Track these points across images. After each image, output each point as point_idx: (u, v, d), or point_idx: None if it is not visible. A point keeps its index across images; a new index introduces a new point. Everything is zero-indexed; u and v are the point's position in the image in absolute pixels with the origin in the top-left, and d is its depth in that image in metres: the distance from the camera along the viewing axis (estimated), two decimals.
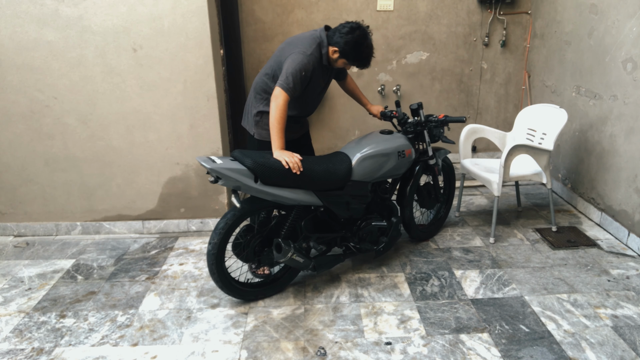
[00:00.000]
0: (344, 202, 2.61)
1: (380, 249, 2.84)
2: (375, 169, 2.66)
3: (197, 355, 2.26)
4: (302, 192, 2.46)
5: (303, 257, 2.51)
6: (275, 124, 2.40)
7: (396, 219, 2.87)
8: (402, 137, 2.81)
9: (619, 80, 3.19)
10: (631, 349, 2.25)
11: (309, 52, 2.48)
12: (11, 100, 3.19)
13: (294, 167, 2.35)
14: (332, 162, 2.53)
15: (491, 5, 4.30)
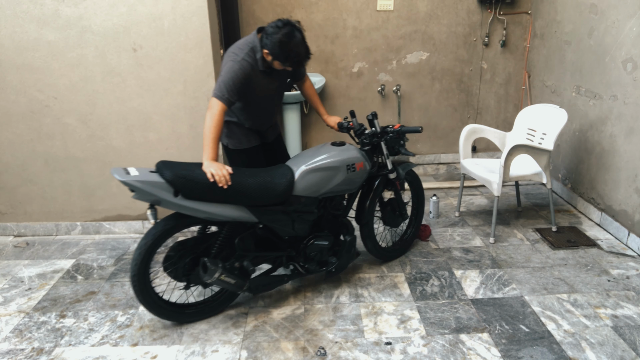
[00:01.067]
0: (285, 219, 2.42)
1: (332, 269, 2.65)
2: (320, 184, 2.45)
3: (197, 355, 2.26)
4: (232, 208, 2.27)
5: (235, 277, 2.35)
6: (207, 134, 2.28)
7: (350, 237, 2.67)
8: (353, 150, 2.58)
9: (619, 80, 3.19)
10: (631, 349, 2.25)
11: (239, 59, 2.37)
12: (11, 100, 3.19)
13: (220, 180, 2.18)
14: (271, 176, 2.35)
15: (491, 5, 4.30)
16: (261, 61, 2.41)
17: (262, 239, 2.50)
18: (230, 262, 2.38)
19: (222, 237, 2.36)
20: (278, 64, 2.38)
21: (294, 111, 4.23)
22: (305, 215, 2.48)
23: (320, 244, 2.58)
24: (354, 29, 4.34)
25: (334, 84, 4.48)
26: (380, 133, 2.70)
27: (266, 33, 2.34)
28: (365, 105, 4.56)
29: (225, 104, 2.33)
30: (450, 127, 4.69)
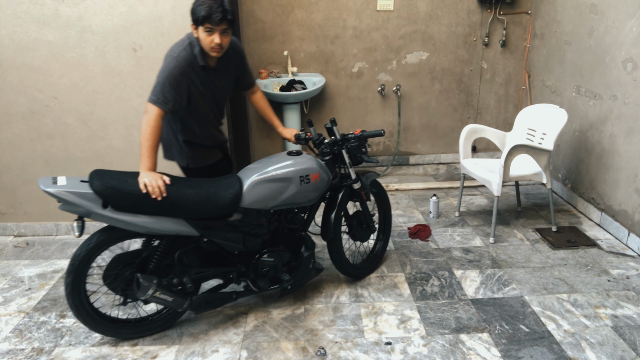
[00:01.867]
0: (231, 233, 2.26)
1: (287, 287, 2.48)
2: (270, 196, 2.28)
3: (197, 355, 2.26)
4: (169, 221, 2.12)
5: (172, 295, 2.20)
6: (143, 142, 2.14)
7: (308, 253, 2.51)
8: (310, 160, 2.39)
9: (619, 80, 3.19)
10: (631, 349, 2.25)
11: (175, 54, 2.19)
12: (11, 100, 3.19)
13: (153, 192, 2.04)
14: (216, 187, 2.19)
15: (491, 5, 4.30)
16: (200, 55, 2.23)
17: (209, 253, 2.34)
18: (169, 279, 2.23)
19: (160, 251, 2.21)
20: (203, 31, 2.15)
21: (294, 111, 4.23)
22: (254, 229, 2.30)
23: (270, 260, 2.41)
24: (354, 29, 4.34)
25: (334, 84, 4.48)
26: (340, 141, 2.52)
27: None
28: (365, 106, 4.56)
29: (161, 108, 2.15)
30: (450, 127, 4.69)
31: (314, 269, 2.57)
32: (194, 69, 2.23)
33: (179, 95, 2.19)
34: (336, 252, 2.65)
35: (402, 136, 4.69)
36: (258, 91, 2.68)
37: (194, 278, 2.29)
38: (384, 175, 4.57)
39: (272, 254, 2.43)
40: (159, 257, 2.21)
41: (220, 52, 2.21)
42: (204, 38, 2.16)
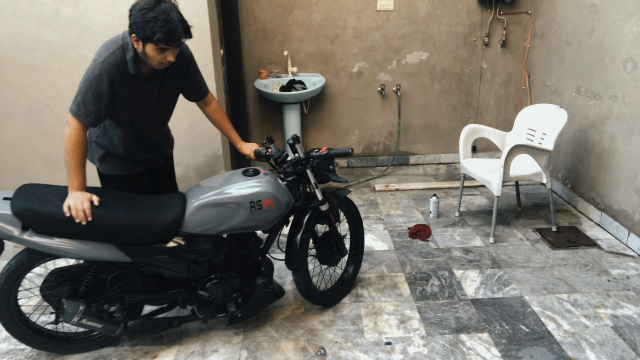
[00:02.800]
0: (170, 260, 2.06)
1: (238, 314, 2.29)
2: (217, 221, 2.07)
3: (197, 355, 2.26)
4: (97, 246, 1.95)
5: (101, 322, 2.06)
6: (68, 160, 1.93)
7: (262, 280, 2.29)
8: (264, 183, 2.14)
9: (619, 80, 3.19)
10: (631, 349, 2.25)
11: (101, 59, 1.91)
12: (11, 100, 3.19)
13: (77, 216, 1.86)
14: (154, 209, 2.00)
15: (491, 5, 4.30)
16: (132, 62, 1.95)
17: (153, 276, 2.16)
18: (99, 304, 2.08)
19: (91, 275, 2.06)
20: (151, 49, 1.88)
21: (294, 111, 4.23)
22: (198, 255, 2.11)
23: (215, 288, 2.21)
24: (354, 29, 4.34)
25: (334, 84, 4.48)
26: (304, 159, 2.28)
27: (129, 12, 1.87)
28: (365, 106, 4.56)
29: (82, 122, 1.93)
30: (450, 127, 4.69)
31: (269, 294, 2.36)
32: (122, 77, 1.96)
33: (101, 106, 1.95)
34: (302, 280, 2.43)
35: (402, 136, 4.69)
36: (213, 102, 2.39)
37: (130, 303, 2.14)
38: (384, 175, 4.57)
39: (219, 280, 2.22)
40: (89, 281, 2.06)
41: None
42: (152, 55, 1.90)
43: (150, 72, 2.04)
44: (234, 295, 2.29)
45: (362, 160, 4.76)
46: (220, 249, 2.20)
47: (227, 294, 2.26)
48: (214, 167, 3.36)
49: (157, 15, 1.82)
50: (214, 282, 2.21)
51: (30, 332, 2.15)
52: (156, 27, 1.82)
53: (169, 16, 1.85)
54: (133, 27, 1.87)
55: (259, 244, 2.34)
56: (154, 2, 1.85)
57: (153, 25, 1.82)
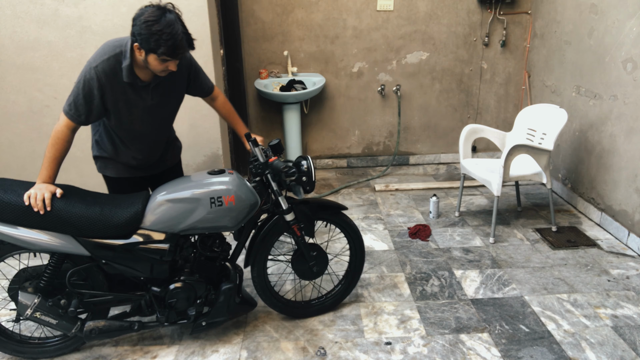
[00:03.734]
0: (128, 257, 2.03)
1: (202, 322, 2.23)
2: (175, 218, 2.04)
3: (197, 355, 2.26)
4: (55, 236, 1.96)
5: (56, 317, 2.04)
6: (46, 152, 1.98)
7: (226, 286, 2.21)
8: (228, 181, 2.10)
9: (619, 80, 3.19)
10: (631, 349, 2.25)
11: (95, 64, 1.91)
12: (11, 100, 3.19)
13: (35, 204, 1.89)
14: (115, 204, 2.01)
15: (491, 5, 4.30)
16: (127, 70, 1.94)
17: (118, 276, 2.15)
18: (55, 299, 2.06)
19: (51, 269, 2.06)
20: (153, 59, 1.88)
21: (294, 111, 4.23)
22: (158, 254, 2.05)
23: (177, 291, 2.15)
24: (354, 29, 4.34)
25: (334, 84, 4.48)
26: (262, 165, 2.19)
27: (133, 21, 1.86)
28: (365, 106, 4.56)
29: (73, 120, 1.97)
30: (450, 127, 4.69)
31: (236, 303, 2.28)
32: (114, 84, 1.95)
33: (92, 109, 1.97)
34: (256, 279, 2.37)
35: (402, 136, 4.69)
36: (219, 96, 2.37)
37: (90, 302, 2.11)
38: (384, 175, 4.57)
39: (182, 284, 2.16)
40: (49, 274, 2.06)
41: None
42: (154, 65, 1.90)
43: (150, 78, 2.02)
44: (198, 302, 2.22)
45: (362, 160, 4.76)
46: (183, 250, 2.16)
47: (190, 299, 2.19)
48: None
49: (162, 29, 1.81)
50: (177, 286, 2.15)
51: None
52: (161, 40, 1.82)
53: (174, 30, 1.84)
54: (137, 37, 1.85)
55: (227, 249, 2.28)
56: (159, 13, 1.83)
57: (158, 38, 1.82)
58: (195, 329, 2.25)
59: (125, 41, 1.96)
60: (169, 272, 2.13)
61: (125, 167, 2.26)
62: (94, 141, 2.26)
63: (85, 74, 1.93)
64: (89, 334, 2.12)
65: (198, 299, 2.22)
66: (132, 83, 1.98)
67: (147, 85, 2.03)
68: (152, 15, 1.82)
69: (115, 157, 2.22)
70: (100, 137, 2.21)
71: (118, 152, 2.20)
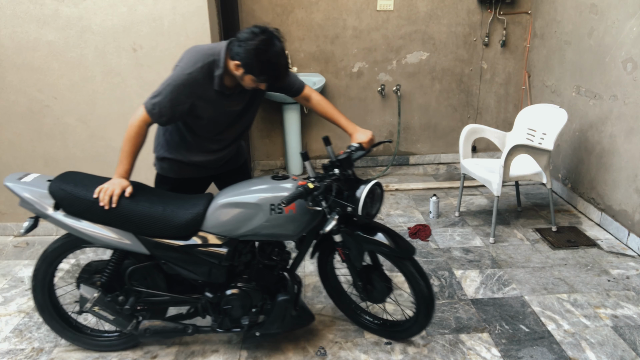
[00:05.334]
0: (185, 258, 2.01)
1: (255, 333, 2.16)
2: (234, 223, 1.99)
3: (197, 355, 2.26)
4: (117, 233, 1.98)
5: (114, 313, 2.07)
6: (123, 145, 1.97)
7: (282, 297, 2.11)
8: (290, 187, 2.00)
9: (619, 80, 3.19)
10: (631, 349, 2.25)
11: (188, 71, 1.90)
12: (11, 100, 3.19)
13: (102, 199, 1.91)
14: (178, 205, 1.99)
15: (491, 5, 4.30)
16: (219, 80, 1.93)
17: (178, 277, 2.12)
18: (114, 295, 2.09)
19: (112, 264, 2.09)
20: (250, 79, 1.89)
21: (294, 111, 4.23)
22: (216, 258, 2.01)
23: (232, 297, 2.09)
24: (354, 29, 4.34)
25: (334, 84, 4.48)
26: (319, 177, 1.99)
27: (238, 40, 1.86)
28: (365, 106, 4.56)
29: (153, 119, 1.95)
30: (450, 127, 4.70)
31: (292, 316, 2.17)
32: (205, 92, 1.96)
33: (175, 113, 1.96)
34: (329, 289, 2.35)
35: (402, 136, 4.69)
36: (312, 96, 2.25)
37: (146, 301, 2.12)
38: (384, 175, 4.57)
39: (238, 290, 2.10)
40: (110, 270, 2.09)
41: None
42: (247, 82, 1.92)
43: (234, 85, 2.01)
44: (253, 311, 2.15)
45: (362, 160, 4.75)
46: (241, 256, 2.09)
47: (246, 307, 2.13)
48: None
49: (269, 59, 1.84)
50: (233, 292, 2.10)
51: (60, 319, 2.22)
52: (265, 70, 1.85)
53: (280, 62, 1.87)
54: (241, 59, 1.85)
55: (287, 258, 2.19)
56: (268, 41, 1.84)
57: (263, 68, 1.85)
58: (247, 338, 2.19)
59: (217, 50, 1.94)
60: (225, 277, 2.07)
61: (192, 167, 2.22)
62: (162, 141, 2.21)
63: (177, 79, 1.91)
64: (143, 333, 2.12)
65: (253, 308, 2.15)
66: (220, 91, 1.98)
67: (232, 92, 2.02)
68: (263, 44, 1.83)
69: (184, 158, 2.18)
70: (172, 136, 2.17)
71: (190, 153, 2.17)
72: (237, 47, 1.85)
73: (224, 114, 2.06)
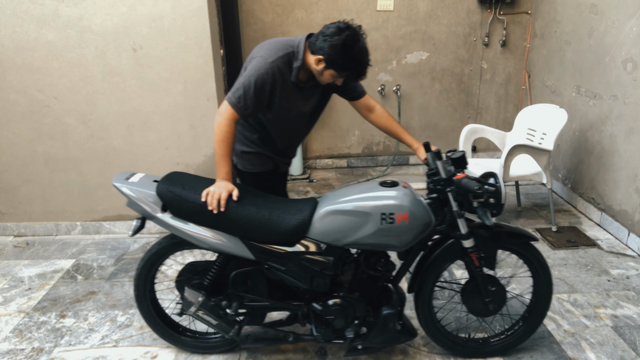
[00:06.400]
0: (292, 265, 1.95)
1: (358, 345, 2.07)
2: (342, 231, 1.91)
3: (197, 356, 2.26)
4: (224, 237, 1.95)
5: (217, 318, 2.04)
6: (216, 149, 1.95)
7: (388, 310, 2.03)
8: (402, 195, 1.90)
9: (619, 80, 3.19)
10: (631, 349, 2.25)
11: (270, 60, 1.92)
12: (11, 100, 3.19)
13: (210, 203, 1.88)
14: (284, 210, 1.94)
15: (491, 5, 4.30)
16: (296, 72, 1.95)
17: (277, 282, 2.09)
18: (217, 300, 2.07)
19: (216, 268, 2.07)
20: (330, 74, 1.92)
21: None
22: (320, 266, 1.95)
23: (335, 308, 2.03)
24: None
25: None
26: (444, 181, 1.94)
27: (323, 34, 1.87)
28: None
29: (239, 114, 1.94)
30: (450, 127, 4.69)
31: (397, 330, 2.07)
32: (283, 81, 1.97)
33: (259, 103, 1.96)
34: (422, 312, 2.15)
35: None
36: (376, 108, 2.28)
37: (248, 306, 2.09)
38: (384, 175, 4.57)
39: (340, 300, 2.04)
40: (214, 274, 2.07)
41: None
42: (326, 77, 1.94)
43: (307, 79, 2.02)
44: (355, 322, 2.08)
45: (362, 160, 4.76)
46: (346, 265, 2.02)
47: (348, 318, 2.05)
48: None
49: (354, 56, 1.86)
50: (336, 302, 2.03)
51: (158, 318, 2.22)
52: (350, 66, 1.88)
53: (364, 60, 1.89)
54: (325, 54, 1.86)
55: (391, 269, 2.08)
56: (355, 38, 1.85)
57: (348, 64, 1.87)
58: (350, 351, 2.10)
59: (295, 42, 1.96)
60: (328, 287, 2.02)
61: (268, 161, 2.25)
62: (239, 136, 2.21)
63: (260, 67, 1.91)
64: (245, 339, 2.08)
65: (356, 319, 2.08)
66: (295, 83, 2.00)
67: (305, 85, 2.04)
68: (349, 40, 1.84)
69: (258, 150, 2.21)
70: (245, 131, 2.19)
71: (263, 145, 2.19)
72: (322, 41, 1.86)
73: (298, 106, 2.08)
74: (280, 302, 2.10)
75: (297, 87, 2.01)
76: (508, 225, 2.09)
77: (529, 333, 2.20)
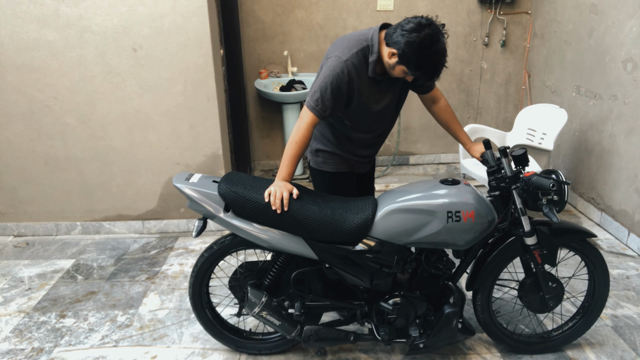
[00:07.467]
0: (354, 264, 1.95)
1: (419, 344, 2.06)
2: (406, 229, 1.90)
3: (197, 356, 2.26)
4: (287, 237, 1.94)
5: (280, 319, 2.03)
6: (288, 149, 1.94)
7: (450, 309, 2.02)
8: (466, 193, 1.90)
9: (619, 80, 3.19)
10: (631, 349, 2.25)
11: (344, 58, 1.88)
12: (11, 100, 3.19)
13: (274, 203, 1.87)
14: (345, 209, 1.93)
15: (491, 5, 4.30)
16: (373, 66, 1.91)
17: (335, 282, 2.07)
18: (280, 300, 2.05)
19: (277, 268, 2.06)
20: (401, 69, 1.86)
21: (294, 111, 4.23)
22: (382, 264, 1.94)
23: (396, 306, 2.02)
24: (354, 29, 4.33)
25: None
26: (509, 178, 1.95)
27: (402, 28, 1.80)
28: None
29: (318, 116, 1.92)
30: None
31: (457, 329, 2.06)
32: (361, 78, 1.93)
33: (337, 103, 1.93)
34: (482, 308, 2.15)
35: (402, 136, 4.69)
36: (440, 100, 2.24)
37: (307, 306, 2.07)
38: (384, 175, 4.57)
39: (402, 299, 2.03)
40: (275, 274, 2.06)
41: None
42: (397, 72, 1.88)
43: (385, 72, 1.97)
44: (416, 321, 2.08)
45: None
46: (407, 264, 2.01)
47: (410, 317, 2.05)
48: (214, 167, 3.37)
49: (430, 57, 1.80)
50: (397, 300, 2.03)
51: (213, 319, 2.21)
52: (424, 66, 1.83)
53: (440, 62, 1.85)
54: (399, 49, 1.80)
55: (451, 267, 2.06)
56: (434, 37, 1.78)
57: (423, 63, 1.82)
58: (411, 350, 2.09)
59: (368, 36, 1.92)
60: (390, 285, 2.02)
61: (346, 161, 2.21)
62: (316, 133, 2.19)
63: (335, 67, 1.88)
64: (307, 339, 2.06)
65: (417, 318, 2.08)
66: (373, 77, 1.95)
67: (383, 79, 1.99)
68: (428, 38, 1.77)
69: (337, 150, 2.17)
70: (324, 129, 2.17)
71: (340, 145, 2.16)
72: (399, 35, 1.80)
73: (377, 101, 2.03)
74: (339, 301, 2.09)
75: (375, 81, 1.96)
76: (566, 222, 2.10)
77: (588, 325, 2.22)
